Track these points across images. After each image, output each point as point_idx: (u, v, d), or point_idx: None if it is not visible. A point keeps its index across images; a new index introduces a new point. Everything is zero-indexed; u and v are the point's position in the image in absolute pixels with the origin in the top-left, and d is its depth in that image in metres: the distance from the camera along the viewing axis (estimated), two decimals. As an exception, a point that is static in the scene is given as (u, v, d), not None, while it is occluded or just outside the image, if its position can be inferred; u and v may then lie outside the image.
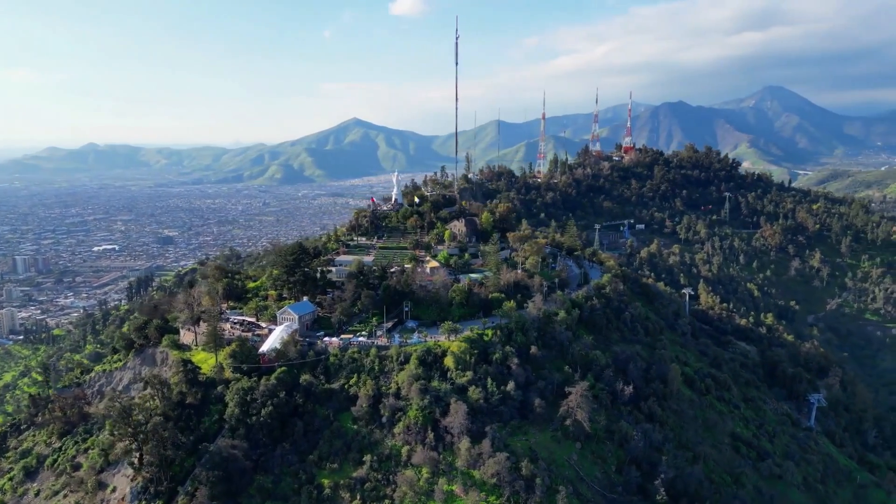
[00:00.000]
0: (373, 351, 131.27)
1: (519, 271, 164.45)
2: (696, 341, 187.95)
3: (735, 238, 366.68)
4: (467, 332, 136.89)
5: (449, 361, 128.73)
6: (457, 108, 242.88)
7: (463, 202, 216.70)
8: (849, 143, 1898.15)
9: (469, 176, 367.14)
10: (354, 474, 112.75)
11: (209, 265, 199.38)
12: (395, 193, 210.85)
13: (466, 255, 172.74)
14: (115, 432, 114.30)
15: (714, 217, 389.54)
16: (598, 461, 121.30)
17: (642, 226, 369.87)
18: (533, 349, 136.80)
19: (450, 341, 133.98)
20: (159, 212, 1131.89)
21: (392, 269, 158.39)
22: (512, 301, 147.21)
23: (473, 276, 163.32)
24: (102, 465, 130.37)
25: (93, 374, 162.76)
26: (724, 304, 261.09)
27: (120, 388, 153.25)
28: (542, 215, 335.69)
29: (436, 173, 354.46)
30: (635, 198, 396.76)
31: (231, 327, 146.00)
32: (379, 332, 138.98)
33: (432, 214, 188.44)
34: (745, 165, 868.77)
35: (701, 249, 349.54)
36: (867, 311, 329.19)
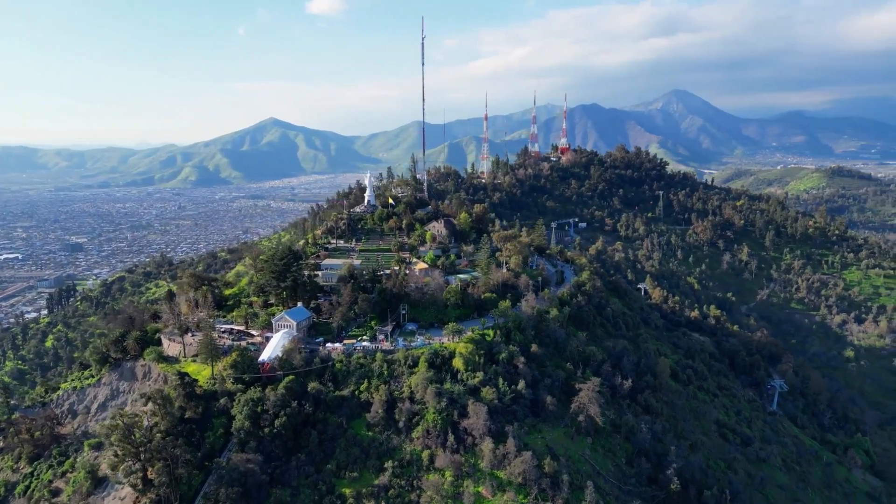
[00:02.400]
0: (378, 355, 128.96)
1: (505, 271, 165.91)
2: (669, 334, 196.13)
3: (671, 234, 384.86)
4: (469, 333, 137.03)
5: (458, 363, 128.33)
6: (423, 110, 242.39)
7: (432, 203, 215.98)
8: (747, 143, 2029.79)
9: (418, 177, 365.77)
10: (376, 482, 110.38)
11: (185, 273, 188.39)
12: (367, 195, 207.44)
13: (452, 256, 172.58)
14: (119, 452, 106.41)
15: (649, 214, 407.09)
16: (608, 455, 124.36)
17: (584, 224, 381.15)
18: (534, 347, 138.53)
19: (455, 343, 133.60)
20: (64, 217, 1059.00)
21: (381, 272, 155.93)
22: (507, 300, 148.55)
23: (462, 276, 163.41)
24: (90, 489, 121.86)
25: (60, 393, 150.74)
26: (676, 298, 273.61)
27: (95, 405, 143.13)
28: (492, 214, 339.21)
29: (381, 174, 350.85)
30: (576, 197, 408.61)
31: (219, 337, 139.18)
32: (381, 336, 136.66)
33: (410, 216, 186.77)
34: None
35: (641, 246, 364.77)
36: (793, 300, 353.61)
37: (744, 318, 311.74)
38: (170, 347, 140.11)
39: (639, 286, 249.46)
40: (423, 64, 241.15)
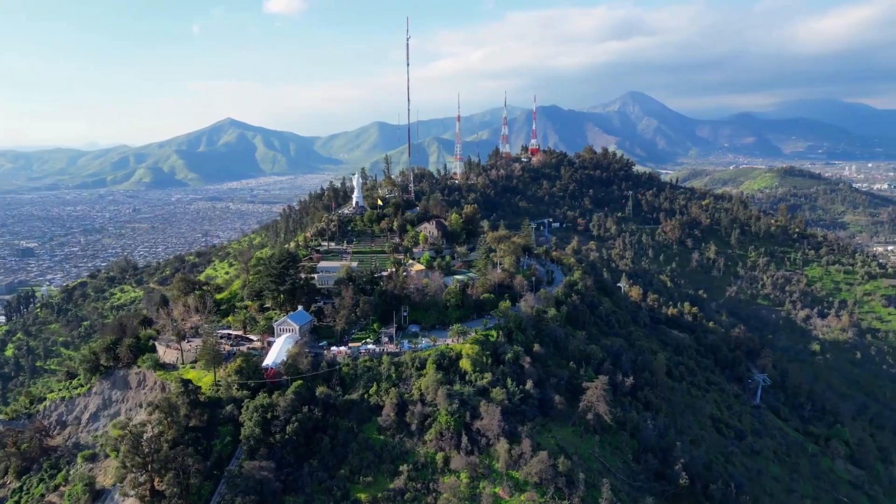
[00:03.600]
0: (385, 358, 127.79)
1: (499, 271, 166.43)
2: (657, 331, 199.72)
3: (642, 233, 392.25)
4: (473, 334, 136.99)
5: (465, 364, 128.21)
6: (409, 110, 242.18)
7: (417, 203, 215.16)
8: (701, 144, 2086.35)
9: (397, 179, 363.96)
10: (391, 486, 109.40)
11: (175, 278, 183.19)
12: (356, 197, 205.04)
13: (448, 258, 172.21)
14: (127, 463, 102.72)
15: (619, 214, 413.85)
16: (616, 452, 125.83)
17: (557, 224, 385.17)
18: (536, 347, 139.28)
19: (460, 344, 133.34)
20: (11, 221, 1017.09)
21: (378, 274, 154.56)
22: (507, 301, 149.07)
23: (459, 277, 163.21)
24: (88, 502, 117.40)
25: (47, 403, 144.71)
26: (654, 296, 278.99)
27: (86, 416, 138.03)
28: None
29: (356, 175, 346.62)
30: (548, 197, 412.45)
31: (216, 342, 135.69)
32: (385, 339, 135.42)
33: (401, 218, 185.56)
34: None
35: (614, 245, 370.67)
36: (759, 296, 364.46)
37: (715, 314, 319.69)
38: (166, 354, 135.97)
39: (618, 284, 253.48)
40: (408, 65, 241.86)
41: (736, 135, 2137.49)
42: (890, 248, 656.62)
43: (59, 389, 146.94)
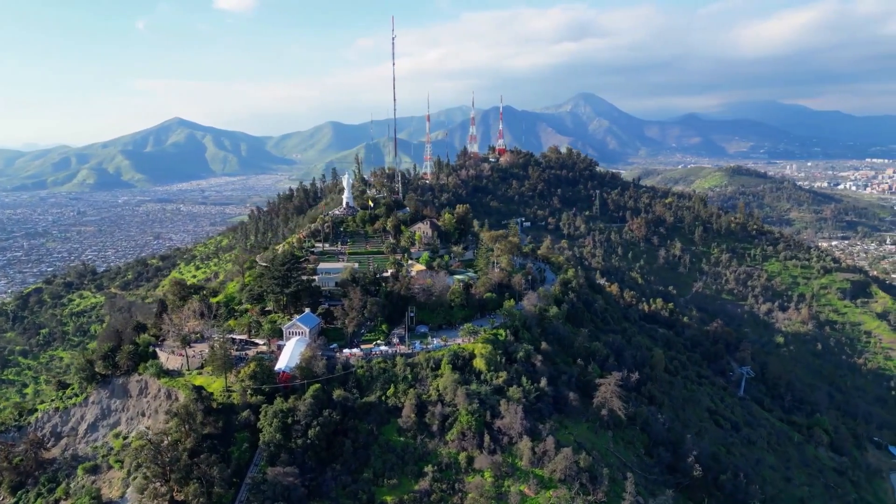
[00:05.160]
0: (399, 359, 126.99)
1: (497, 270, 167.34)
2: (647, 327, 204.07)
3: (610, 231, 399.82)
4: (483, 333, 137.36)
5: (479, 363, 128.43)
6: (395, 110, 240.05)
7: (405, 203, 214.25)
8: (650, 144, 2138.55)
9: (364, 177, 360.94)
10: (416, 487, 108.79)
11: (169, 282, 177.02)
12: (346, 197, 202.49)
13: (446, 257, 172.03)
14: (147, 474, 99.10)
15: (587, 213, 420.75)
16: (629, 446, 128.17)
17: (528, 223, 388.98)
18: (543, 345, 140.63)
19: (471, 343, 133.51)
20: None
21: (378, 275, 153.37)
22: (512, 300, 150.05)
23: (459, 276, 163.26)
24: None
25: (39, 415, 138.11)
26: (632, 293, 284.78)
27: (83, 426, 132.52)
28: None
29: (324, 176, 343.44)
30: (518, 197, 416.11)
31: (228, 347, 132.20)
32: (395, 340, 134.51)
33: (396, 218, 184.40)
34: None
35: (585, 243, 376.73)
36: (723, 291, 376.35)
37: (685, 309, 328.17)
38: (169, 360, 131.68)
39: (597, 282, 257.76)
40: (393, 64, 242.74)
41: (683, 135, 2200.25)
42: (834, 243, 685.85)
43: (52, 400, 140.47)
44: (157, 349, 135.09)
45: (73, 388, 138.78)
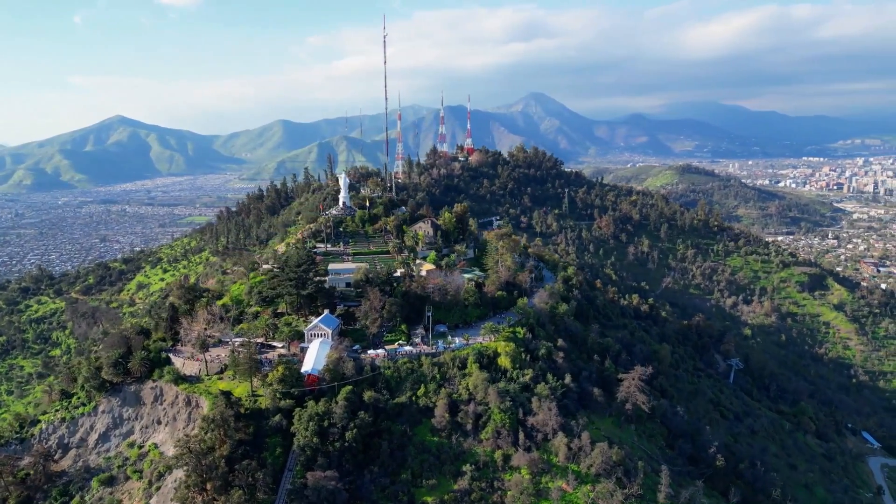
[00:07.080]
0: (425, 359, 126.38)
1: (502, 269, 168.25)
2: (642, 322, 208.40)
3: (580, 229, 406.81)
4: (503, 332, 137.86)
5: (504, 361, 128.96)
6: (386, 110, 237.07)
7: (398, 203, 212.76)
8: (599, 143, 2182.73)
9: (337, 175, 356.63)
10: (456, 487, 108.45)
11: (173, 284, 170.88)
12: (342, 197, 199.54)
13: (452, 256, 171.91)
14: (189, 483, 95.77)
15: (556, 211, 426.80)
16: (651, 439, 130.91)
17: (501, 222, 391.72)
18: (560, 342, 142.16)
19: (493, 342, 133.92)
20: None
21: (389, 275, 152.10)
22: (525, 298, 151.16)
23: (467, 275, 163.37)
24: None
25: (43, 426, 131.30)
26: (614, 289, 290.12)
27: (94, 436, 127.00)
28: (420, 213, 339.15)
29: (294, 175, 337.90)
30: (489, 195, 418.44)
31: (255, 351, 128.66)
32: (417, 340, 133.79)
33: (397, 217, 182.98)
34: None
35: (557, 241, 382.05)
36: (691, 286, 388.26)
37: (658, 304, 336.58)
38: (185, 366, 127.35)
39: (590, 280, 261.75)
40: (385, 62, 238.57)
41: (630, 135, 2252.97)
42: (780, 238, 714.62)
43: (56, 410, 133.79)
44: (171, 354, 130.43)
45: (79, 398, 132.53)
